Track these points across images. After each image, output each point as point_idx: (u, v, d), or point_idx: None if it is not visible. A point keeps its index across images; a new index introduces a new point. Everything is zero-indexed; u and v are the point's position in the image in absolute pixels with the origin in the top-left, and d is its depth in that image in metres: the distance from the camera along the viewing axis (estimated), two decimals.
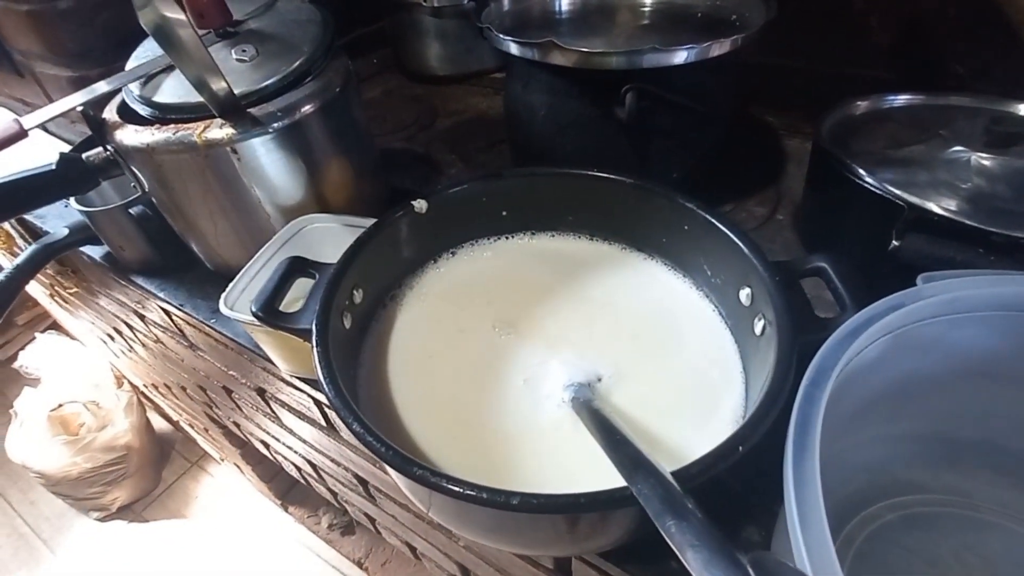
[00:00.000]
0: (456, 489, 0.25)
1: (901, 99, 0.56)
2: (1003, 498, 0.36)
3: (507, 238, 0.49)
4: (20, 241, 0.88)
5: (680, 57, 0.47)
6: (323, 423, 0.64)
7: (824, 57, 0.70)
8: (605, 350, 0.40)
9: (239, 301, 0.45)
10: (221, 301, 0.43)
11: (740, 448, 0.25)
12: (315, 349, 0.32)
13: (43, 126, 0.49)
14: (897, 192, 0.43)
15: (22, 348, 1.69)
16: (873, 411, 0.35)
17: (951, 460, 0.37)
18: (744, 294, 0.37)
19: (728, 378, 0.37)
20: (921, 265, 0.41)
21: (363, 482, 0.74)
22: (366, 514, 0.87)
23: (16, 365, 1.66)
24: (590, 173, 0.44)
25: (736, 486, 0.38)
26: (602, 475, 0.31)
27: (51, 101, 0.60)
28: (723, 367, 0.38)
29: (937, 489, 0.37)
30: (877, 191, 0.44)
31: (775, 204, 0.62)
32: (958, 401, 0.35)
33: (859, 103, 0.56)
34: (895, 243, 0.42)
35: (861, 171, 0.46)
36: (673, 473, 0.25)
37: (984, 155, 0.45)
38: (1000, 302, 0.31)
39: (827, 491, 0.37)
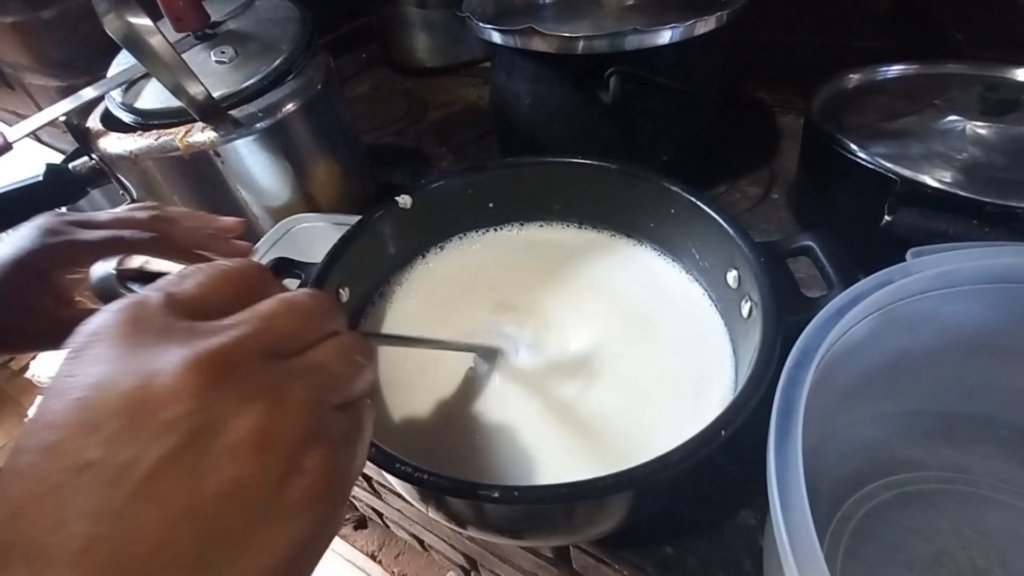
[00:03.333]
0: (443, 484, 0.25)
1: (894, 69, 0.54)
2: (1001, 472, 0.35)
3: (495, 230, 0.48)
4: None
5: (664, 37, 0.47)
6: None
7: (817, 29, 0.68)
8: (596, 338, 0.39)
9: None
10: None
11: (723, 432, 0.25)
12: None
13: (35, 136, 0.49)
14: (889, 166, 0.42)
15: (33, 357, 1.71)
16: (867, 389, 0.35)
17: (948, 435, 0.37)
18: (731, 276, 0.36)
19: (718, 361, 0.37)
20: (915, 239, 0.40)
21: (367, 477, 0.75)
22: (373, 509, 0.88)
23: (29, 374, 1.68)
24: (574, 160, 0.43)
25: (733, 469, 0.38)
26: (594, 463, 0.31)
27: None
28: (713, 350, 0.37)
29: (935, 465, 0.37)
30: (869, 166, 0.43)
31: (769, 183, 0.61)
32: (953, 376, 0.35)
33: (851, 76, 0.54)
34: (887, 218, 0.41)
35: (853, 146, 0.45)
36: (655, 460, 0.24)
37: (979, 123, 0.44)
38: (991, 274, 0.30)
39: (823, 471, 0.37)
